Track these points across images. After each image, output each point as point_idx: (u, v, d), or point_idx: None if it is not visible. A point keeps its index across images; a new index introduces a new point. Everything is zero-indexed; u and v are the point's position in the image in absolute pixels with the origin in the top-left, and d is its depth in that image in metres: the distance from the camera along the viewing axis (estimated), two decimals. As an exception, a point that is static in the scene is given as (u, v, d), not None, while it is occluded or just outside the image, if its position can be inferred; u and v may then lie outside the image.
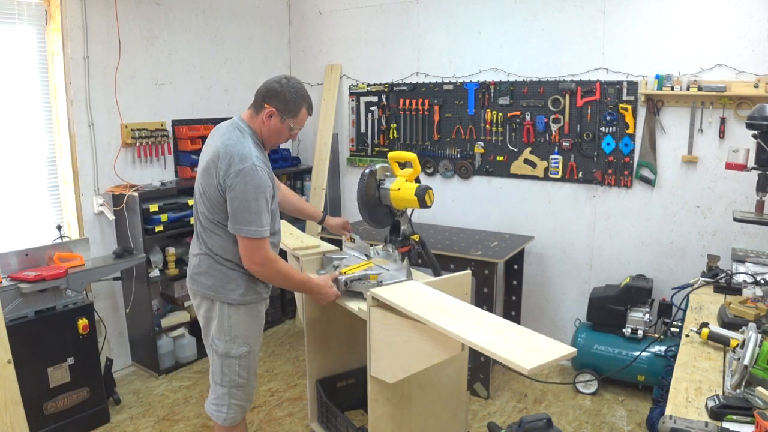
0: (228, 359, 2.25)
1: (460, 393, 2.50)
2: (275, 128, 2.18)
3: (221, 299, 2.21)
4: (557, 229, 3.95)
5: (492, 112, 4.03)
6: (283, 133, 2.22)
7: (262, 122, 2.18)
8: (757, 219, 2.50)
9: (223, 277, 2.20)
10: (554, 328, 4.03)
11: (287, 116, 2.18)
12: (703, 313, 2.29)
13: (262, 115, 2.17)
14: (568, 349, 1.64)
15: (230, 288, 2.21)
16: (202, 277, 2.23)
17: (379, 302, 2.12)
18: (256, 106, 2.19)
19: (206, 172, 2.13)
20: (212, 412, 2.33)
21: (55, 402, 3.00)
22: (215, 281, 2.21)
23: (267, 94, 2.16)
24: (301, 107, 2.20)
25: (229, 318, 2.22)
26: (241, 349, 2.25)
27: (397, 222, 2.56)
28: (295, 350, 4.17)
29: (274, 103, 2.15)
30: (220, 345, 2.24)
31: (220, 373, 2.27)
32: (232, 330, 2.23)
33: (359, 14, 4.58)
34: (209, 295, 2.23)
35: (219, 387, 2.29)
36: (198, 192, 2.22)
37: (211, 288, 2.22)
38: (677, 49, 3.38)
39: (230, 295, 2.21)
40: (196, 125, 4.10)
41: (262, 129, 2.19)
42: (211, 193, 2.12)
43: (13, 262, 2.99)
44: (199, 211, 2.22)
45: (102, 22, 3.56)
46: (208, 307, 2.25)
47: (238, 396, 2.31)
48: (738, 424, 1.47)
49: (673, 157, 3.50)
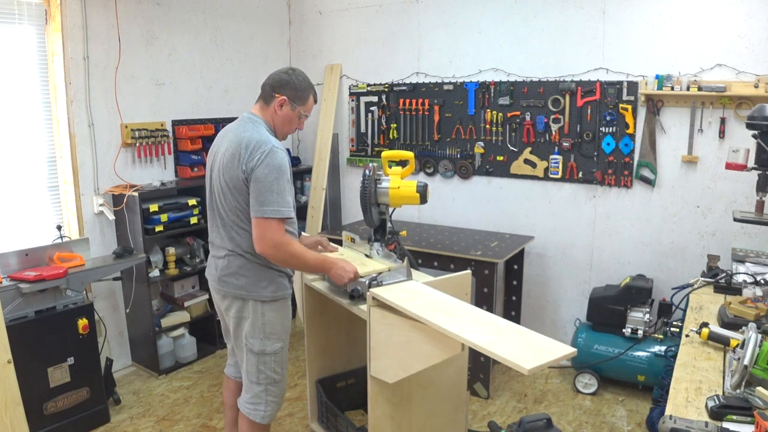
0: (264, 356, 2.28)
1: (460, 393, 2.50)
2: (287, 116, 2.26)
3: (254, 298, 2.24)
4: (557, 229, 3.95)
5: (492, 112, 4.03)
6: (293, 121, 2.30)
7: (273, 112, 2.25)
8: (757, 219, 2.50)
9: (254, 276, 2.23)
10: (554, 328, 4.03)
11: (297, 103, 2.27)
12: (703, 313, 2.29)
13: (274, 104, 2.24)
14: (567, 349, 1.64)
15: (262, 285, 2.24)
16: (233, 278, 2.24)
17: (379, 302, 2.13)
18: (266, 97, 2.26)
19: (230, 166, 2.14)
20: (249, 411, 2.33)
21: (55, 402, 3.00)
22: (247, 281, 2.23)
23: (277, 84, 2.25)
24: (309, 94, 2.30)
25: (263, 315, 2.25)
26: (275, 345, 2.29)
27: (384, 220, 2.58)
28: (295, 350, 4.17)
29: (285, 92, 2.23)
30: (255, 343, 2.26)
31: (256, 371, 2.29)
32: (266, 327, 2.26)
33: (359, 14, 4.58)
34: (242, 294, 2.24)
35: (255, 385, 2.31)
36: (221, 188, 2.20)
37: (243, 288, 2.24)
38: (677, 49, 3.38)
39: (263, 293, 2.24)
40: (196, 125, 4.10)
41: (274, 118, 2.26)
42: (237, 185, 2.14)
43: (13, 262, 2.99)
44: (226, 208, 2.21)
45: (102, 22, 3.56)
46: (240, 307, 2.26)
47: (274, 392, 2.34)
48: (738, 424, 1.47)
49: (673, 157, 3.50)
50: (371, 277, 2.28)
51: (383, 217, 2.58)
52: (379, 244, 2.56)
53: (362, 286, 2.26)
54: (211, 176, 2.29)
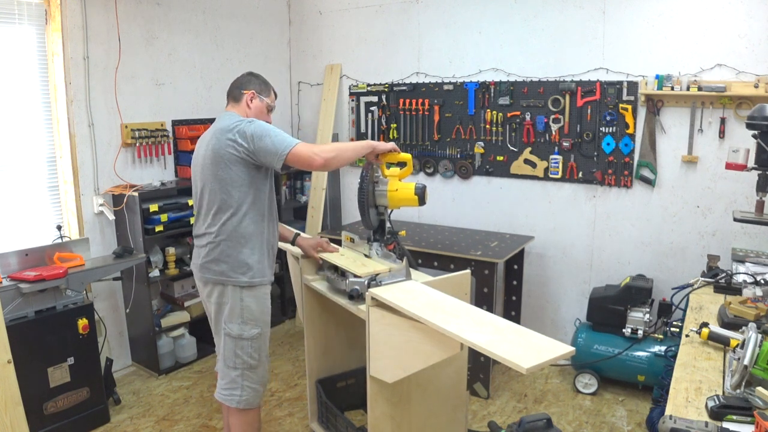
0: (241, 341, 2.36)
1: (460, 393, 2.50)
2: (258, 108, 2.44)
3: (233, 283, 2.34)
4: (557, 229, 3.95)
5: (492, 112, 4.03)
6: (264, 113, 2.47)
7: (246, 107, 2.43)
8: (757, 219, 2.49)
9: (234, 262, 2.33)
10: (554, 328, 4.03)
11: (264, 95, 2.47)
12: (703, 313, 2.29)
13: (244, 100, 2.43)
14: (566, 348, 1.64)
15: (241, 271, 2.33)
16: (213, 264, 2.35)
17: (378, 302, 2.13)
18: (236, 97, 2.46)
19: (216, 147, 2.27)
20: (224, 398, 2.42)
21: (55, 402, 3.00)
22: (227, 266, 2.33)
23: (242, 83, 2.47)
24: (270, 88, 2.53)
25: (241, 300, 2.35)
26: (253, 331, 2.37)
27: (383, 221, 2.58)
28: (295, 350, 4.17)
29: (252, 86, 2.45)
30: (233, 328, 2.35)
31: (233, 356, 2.38)
32: (244, 312, 2.36)
33: (359, 14, 4.58)
34: (221, 280, 2.35)
35: (231, 370, 2.39)
36: (209, 174, 2.31)
37: (223, 273, 2.34)
38: (677, 49, 3.38)
39: (242, 278, 2.33)
40: (196, 125, 4.10)
41: (247, 112, 2.42)
42: (227, 158, 2.25)
43: (13, 262, 2.99)
44: (211, 197, 2.33)
45: (102, 22, 3.56)
46: (220, 292, 2.36)
47: (252, 378, 2.41)
48: (738, 424, 1.46)
49: (673, 157, 3.50)
50: (370, 277, 2.28)
51: (382, 218, 2.58)
52: (379, 244, 2.56)
53: (361, 286, 2.26)
54: (196, 171, 2.42)
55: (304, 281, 2.76)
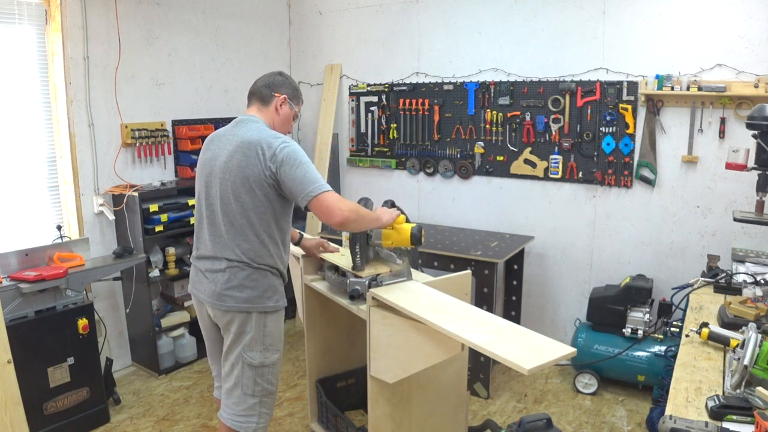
0: (262, 369, 2.20)
1: (460, 393, 2.50)
2: (287, 115, 2.27)
3: (259, 309, 2.16)
4: (557, 229, 3.95)
5: (492, 112, 4.03)
6: (290, 121, 2.31)
7: (274, 111, 2.24)
8: (757, 219, 2.49)
9: (260, 286, 2.16)
10: (554, 328, 4.03)
11: (295, 102, 2.29)
12: (703, 313, 2.29)
13: (274, 104, 2.24)
14: (567, 349, 1.64)
15: (267, 296, 2.17)
16: (236, 291, 2.14)
17: (379, 302, 2.13)
18: (264, 98, 2.24)
19: (244, 165, 2.08)
20: (240, 424, 2.23)
21: (55, 402, 3.00)
22: (252, 292, 2.15)
23: (274, 84, 2.25)
24: (300, 95, 2.36)
25: (264, 327, 2.18)
26: (273, 357, 2.23)
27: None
28: (295, 350, 4.17)
29: (284, 90, 2.25)
30: (255, 357, 2.18)
31: (253, 384, 2.20)
32: (266, 339, 2.19)
33: (359, 14, 4.58)
34: (245, 308, 2.15)
35: (250, 398, 2.21)
36: (231, 191, 2.11)
37: (248, 300, 2.15)
38: (677, 49, 3.38)
39: (268, 303, 2.18)
40: (196, 125, 4.10)
41: (274, 118, 2.25)
42: (257, 182, 2.08)
43: (13, 262, 2.99)
44: (236, 212, 2.11)
45: (102, 22, 3.56)
46: (242, 321, 2.16)
47: (268, 404, 2.27)
48: (738, 424, 1.47)
49: (673, 157, 3.50)
50: (371, 277, 2.28)
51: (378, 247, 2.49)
52: None
53: (362, 286, 2.26)
54: (209, 183, 2.18)
55: (305, 281, 2.76)
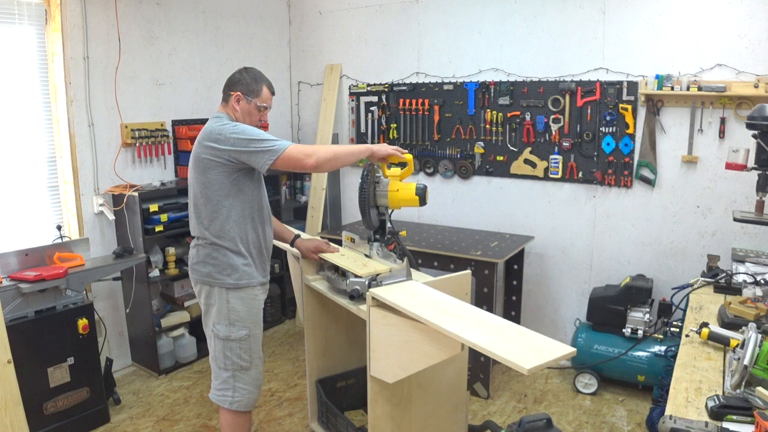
0: (229, 342, 2.38)
1: (460, 393, 2.50)
2: (245, 109, 2.42)
3: (219, 284, 2.36)
4: (557, 229, 3.95)
5: (492, 112, 4.03)
6: (253, 113, 2.44)
7: (233, 108, 2.43)
8: (757, 219, 2.49)
9: (219, 264, 2.36)
10: (554, 328, 4.03)
11: (251, 96, 2.42)
12: (703, 313, 2.29)
13: (231, 102, 2.42)
14: (567, 349, 1.64)
15: (226, 273, 2.36)
16: (200, 266, 2.40)
17: (378, 302, 2.13)
18: (225, 97, 2.46)
19: (198, 149, 2.32)
20: (217, 398, 2.43)
21: (55, 402, 3.00)
22: (212, 268, 2.37)
23: (230, 83, 2.45)
24: (261, 87, 2.45)
25: (227, 302, 2.37)
26: (240, 333, 2.39)
27: (384, 221, 2.57)
28: (295, 350, 4.17)
29: (238, 88, 2.41)
30: (221, 329, 2.38)
31: (223, 357, 2.40)
32: (230, 314, 2.37)
33: (359, 14, 4.58)
34: (208, 281, 2.38)
35: (222, 371, 2.41)
36: (191, 183, 2.38)
37: (209, 275, 2.37)
38: (677, 49, 3.38)
39: (227, 280, 2.36)
40: (196, 125, 4.10)
41: (235, 114, 2.43)
42: (206, 169, 2.29)
43: (13, 262, 2.99)
44: (197, 191, 2.36)
45: (102, 22, 3.56)
46: (207, 293, 2.40)
47: (244, 379, 2.42)
48: (738, 424, 1.47)
49: (673, 157, 3.50)
50: (371, 278, 2.28)
51: (382, 218, 2.58)
52: (379, 244, 2.55)
53: (362, 286, 2.26)
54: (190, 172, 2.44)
55: (305, 281, 2.76)
